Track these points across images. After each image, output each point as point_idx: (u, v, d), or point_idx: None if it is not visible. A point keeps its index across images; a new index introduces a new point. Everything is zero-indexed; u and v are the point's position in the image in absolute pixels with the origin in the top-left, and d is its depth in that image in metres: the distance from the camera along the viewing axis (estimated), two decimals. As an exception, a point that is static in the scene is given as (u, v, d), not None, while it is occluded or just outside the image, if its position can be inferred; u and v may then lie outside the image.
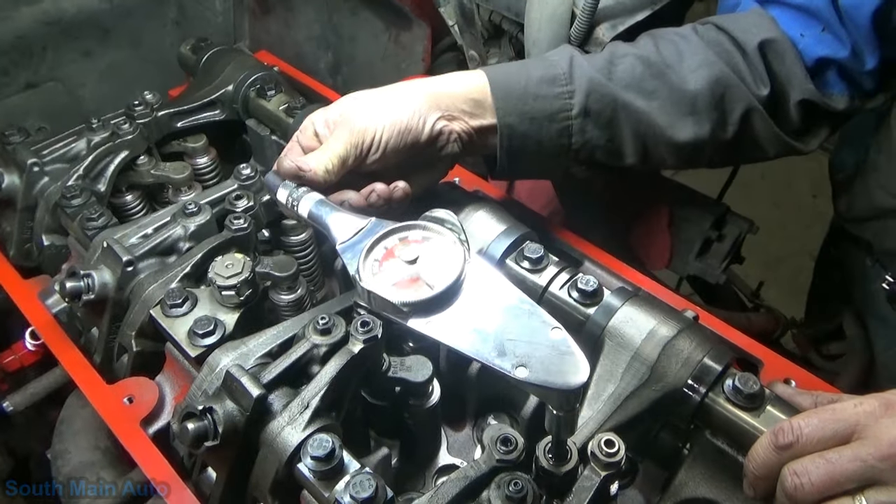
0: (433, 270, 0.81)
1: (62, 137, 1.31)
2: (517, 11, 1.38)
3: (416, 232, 0.86)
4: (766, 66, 1.10)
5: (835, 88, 1.12)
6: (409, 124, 0.97)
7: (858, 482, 0.70)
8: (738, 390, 0.84)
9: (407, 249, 0.84)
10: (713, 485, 0.87)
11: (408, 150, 0.99)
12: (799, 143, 1.16)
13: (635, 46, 1.11)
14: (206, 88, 1.44)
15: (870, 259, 1.41)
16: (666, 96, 1.06)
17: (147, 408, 0.95)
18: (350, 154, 0.96)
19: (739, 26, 1.11)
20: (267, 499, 0.82)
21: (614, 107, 1.05)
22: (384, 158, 0.98)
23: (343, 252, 0.87)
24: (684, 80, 1.07)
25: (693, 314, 0.95)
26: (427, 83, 1.03)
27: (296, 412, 0.80)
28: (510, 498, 0.72)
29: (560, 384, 0.69)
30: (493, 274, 0.82)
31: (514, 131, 1.03)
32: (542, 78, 1.04)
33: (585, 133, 1.05)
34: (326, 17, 1.97)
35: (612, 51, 1.10)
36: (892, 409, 0.72)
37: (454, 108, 1.02)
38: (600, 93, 1.04)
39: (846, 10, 1.04)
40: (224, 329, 0.93)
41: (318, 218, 0.93)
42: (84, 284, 1.01)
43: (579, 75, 1.04)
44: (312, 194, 0.95)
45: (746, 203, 1.67)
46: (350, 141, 0.96)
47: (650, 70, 1.07)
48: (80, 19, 1.75)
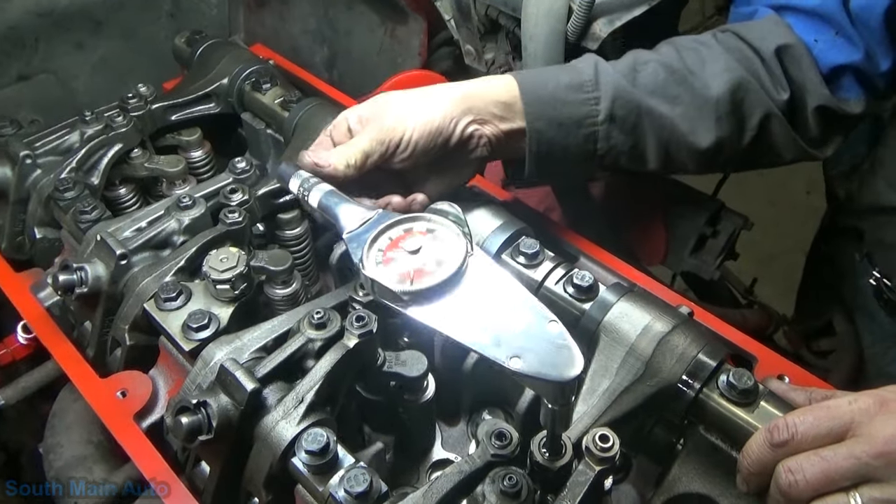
0: (435, 261, 0.82)
1: (55, 130, 1.30)
2: (514, 6, 1.38)
3: (420, 223, 0.88)
4: (784, 72, 1.11)
5: (850, 93, 1.13)
6: (440, 126, 0.99)
7: (853, 479, 0.70)
8: (732, 386, 0.84)
9: (410, 240, 0.85)
10: (707, 480, 0.88)
11: (437, 151, 1.01)
12: (815, 149, 1.17)
13: (657, 53, 1.13)
14: (201, 81, 1.43)
15: (858, 255, 1.43)
16: (689, 102, 1.08)
17: (140, 402, 0.95)
18: (375, 150, 0.98)
19: (757, 34, 1.12)
20: (261, 493, 0.82)
21: (638, 112, 1.06)
22: (413, 158, 1.00)
23: (349, 241, 0.89)
24: (707, 85, 1.08)
25: (688, 310, 0.95)
26: (459, 86, 1.04)
27: (290, 406, 0.80)
28: (505, 492, 0.72)
29: (555, 376, 0.69)
30: (494, 267, 0.82)
31: (542, 136, 1.04)
32: (569, 84, 1.05)
33: (611, 139, 1.07)
34: (322, 11, 1.96)
35: (634, 58, 1.11)
36: (887, 407, 0.72)
37: (485, 112, 1.03)
38: (625, 99, 1.05)
39: (857, 13, 1.05)
40: (218, 323, 0.93)
41: (328, 208, 0.94)
42: (77, 277, 1.00)
43: (605, 81, 1.05)
44: (323, 185, 0.97)
45: (741, 200, 1.67)
46: (377, 138, 0.98)
47: (674, 76, 1.08)
48: (73, 11, 1.73)
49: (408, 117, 0.99)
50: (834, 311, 1.58)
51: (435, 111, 0.99)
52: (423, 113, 0.99)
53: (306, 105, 1.33)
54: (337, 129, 1.04)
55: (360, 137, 0.99)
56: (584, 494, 0.74)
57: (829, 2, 1.08)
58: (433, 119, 0.99)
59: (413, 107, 1.00)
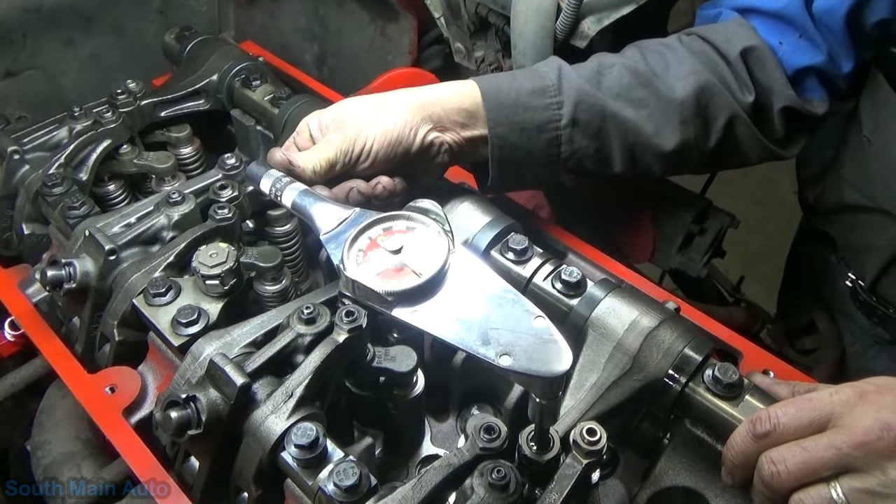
0: (417, 260, 0.81)
1: (43, 125, 1.30)
2: (503, 4, 1.39)
3: (399, 222, 0.87)
4: (750, 74, 1.12)
5: (814, 94, 1.15)
6: (399, 135, 0.99)
7: (833, 469, 0.72)
8: (717, 380, 0.85)
9: (391, 239, 0.84)
10: (693, 473, 0.89)
11: (398, 160, 1.01)
12: (781, 149, 1.19)
13: (622, 57, 1.13)
14: (191, 78, 1.43)
15: (835, 257, 1.45)
16: (654, 105, 1.09)
17: (129, 397, 0.95)
18: (339, 160, 0.99)
19: (722, 36, 1.13)
20: (250, 487, 0.82)
21: (602, 116, 1.07)
22: (374, 166, 1.00)
23: (327, 242, 0.87)
24: (672, 88, 1.09)
25: (675, 306, 0.96)
26: (420, 93, 1.04)
27: (280, 401, 0.80)
28: (493, 485, 0.72)
29: (544, 372, 0.69)
30: (477, 264, 0.82)
31: (504, 142, 1.05)
32: (532, 89, 1.05)
33: (574, 143, 1.07)
34: (312, 9, 1.96)
35: (599, 61, 1.12)
36: (866, 398, 0.73)
37: (446, 120, 1.03)
38: (589, 103, 1.06)
39: (820, 16, 1.08)
40: (208, 318, 0.93)
41: (302, 208, 0.93)
42: (65, 273, 1.00)
43: (568, 86, 1.06)
44: (296, 184, 0.96)
45: (728, 200, 1.69)
46: (340, 147, 0.98)
47: (638, 79, 1.09)
48: (62, 7, 1.72)
49: (368, 127, 0.99)
50: (815, 311, 1.60)
51: (394, 120, 0.99)
52: (383, 122, 0.99)
53: (296, 102, 1.33)
54: (300, 135, 1.04)
55: (324, 146, 0.99)
56: (572, 487, 0.74)
57: (792, 4, 1.10)
58: (393, 128, 0.99)
59: (373, 116, 1.00)
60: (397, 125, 0.99)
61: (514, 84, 1.06)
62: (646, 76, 1.09)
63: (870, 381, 0.76)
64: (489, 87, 1.05)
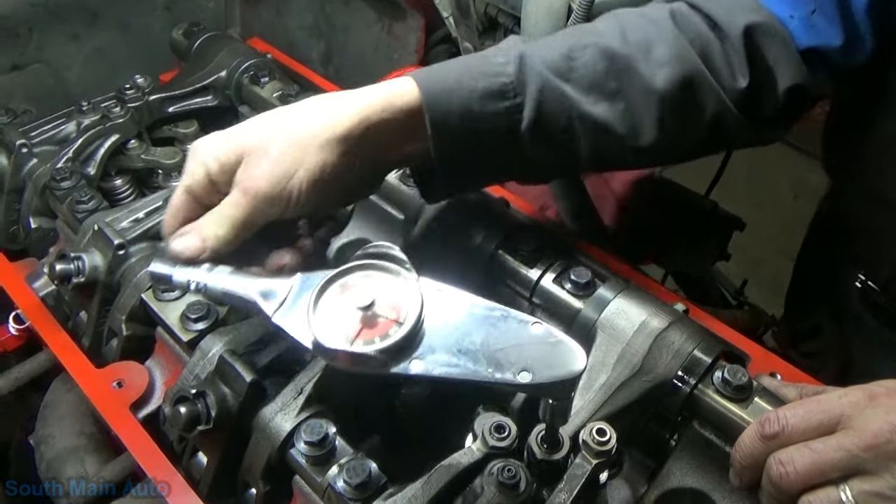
0: (391, 308, 0.72)
1: (51, 119, 1.29)
2: (513, 4, 1.39)
3: (353, 276, 0.75)
4: (749, 54, 0.99)
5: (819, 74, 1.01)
6: (334, 172, 0.80)
7: (842, 471, 0.71)
8: (727, 382, 0.85)
9: (353, 295, 0.73)
10: (700, 475, 0.89)
11: (337, 194, 0.86)
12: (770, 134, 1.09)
13: (598, 34, 0.97)
14: (199, 74, 1.43)
15: (845, 257, 1.44)
16: (630, 97, 0.94)
17: (137, 392, 0.95)
18: (256, 222, 0.80)
19: (722, 7, 0.99)
20: (258, 484, 0.82)
21: (570, 115, 0.92)
22: (305, 211, 0.83)
23: (281, 321, 0.74)
24: (652, 76, 0.93)
25: (683, 307, 0.96)
26: (350, 111, 0.82)
27: (289, 398, 0.80)
28: (503, 484, 0.72)
29: (565, 375, 0.68)
30: (449, 290, 0.74)
31: (455, 154, 0.90)
32: (485, 92, 0.88)
33: (537, 148, 0.93)
34: (319, 6, 1.97)
35: (570, 42, 0.94)
36: (876, 400, 0.73)
37: (387, 137, 0.85)
38: (554, 101, 0.91)
39: None
40: (217, 314, 0.93)
41: (234, 294, 0.79)
42: (74, 267, 1.00)
43: (530, 81, 0.90)
44: (219, 269, 0.80)
45: (729, 202, 1.69)
46: (255, 207, 0.78)
47: (614, 65, 0.93)
48: (68, 1, 1.72)
49: (291, 169, 0.78)
50: (822, 314, 1.60)
51: (326, 153, 0.80)
52: (311, 158, 0.79)
53: (304, 99, 1.33)
54: (196, 182, 0.80)
55: (233, 205, 0.78)
56: (581, 487, 0.74)
57: None
58: (324, 166, 0.79)
59: (296, 151, 0.79)
60: (329, 159, 0.79)
61: (465, 83, 0.88)
62: (624, 61, 0.93)
63: (879, 384, 0.76)
64: (432, 90, 0.86)
